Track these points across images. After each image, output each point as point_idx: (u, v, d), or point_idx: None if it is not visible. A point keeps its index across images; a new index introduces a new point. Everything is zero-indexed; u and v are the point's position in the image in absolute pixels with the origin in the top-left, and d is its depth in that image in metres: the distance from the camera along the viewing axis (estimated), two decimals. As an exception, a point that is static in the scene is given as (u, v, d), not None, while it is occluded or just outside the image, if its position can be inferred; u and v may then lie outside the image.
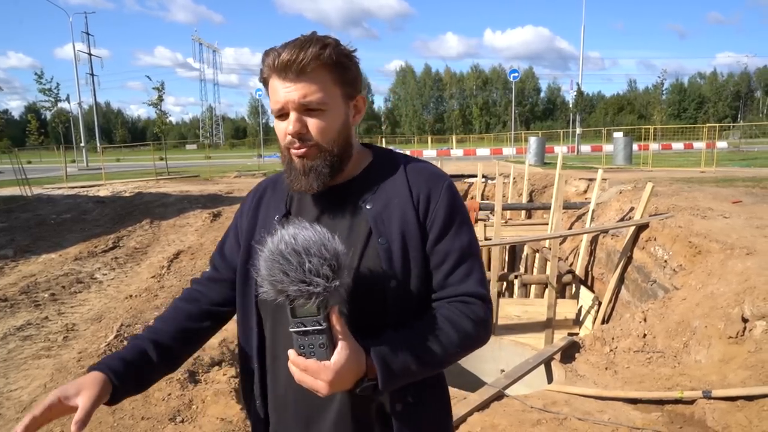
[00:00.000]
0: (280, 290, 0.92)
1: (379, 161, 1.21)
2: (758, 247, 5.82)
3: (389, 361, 0.98)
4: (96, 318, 5.12)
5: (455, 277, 1.11)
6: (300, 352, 0.94)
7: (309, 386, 0.94)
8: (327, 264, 0.92)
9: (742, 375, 3.98)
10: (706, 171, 15.76)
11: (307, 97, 1.05)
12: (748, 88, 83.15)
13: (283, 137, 1.11)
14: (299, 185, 1.12)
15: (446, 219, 1.12)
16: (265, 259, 0.94)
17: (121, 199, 13.35)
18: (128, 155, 52.41)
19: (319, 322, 0.93)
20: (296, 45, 1.04)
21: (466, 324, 1.07)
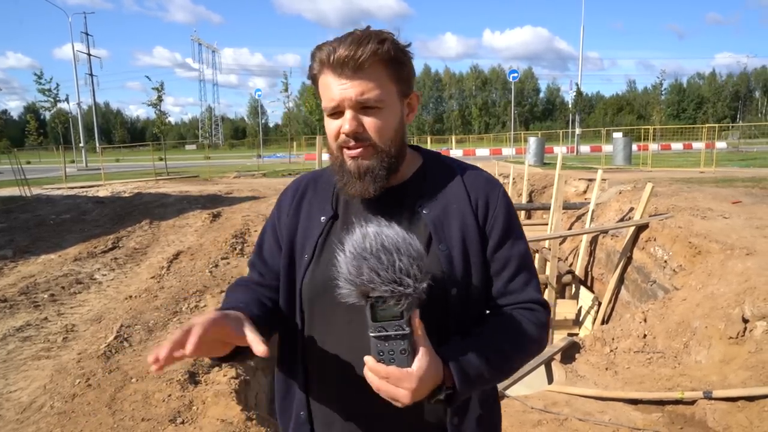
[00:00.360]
0: (366, 291, 0.87)
1: (431, 164, 1.17)
2: (758, 248, 5.82)
3: (466, 369, 0.96)
4: (95, 319, 5.11)
5: (516, 284, 1.10)
6: (379, 358, 0.89)
7: (389, 395, 0.89)
8: (416, 263, 0.87)
9: (742, 375, 3.98)
10: (706, 171, 15.76)
11: (364, 95, 1.01)
12: (747, 89, 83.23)
13: (336, 136, 1.06)
14: (353, 189, 1.07)
15: (505, 225, 1.11)
16: (351, 257, 0.88)
17: (120, 200, 13.34)
18: (127, 155, 52.38)
19: (402, 327, 0.87)
20: (353, 40, 0.99)
21: (533, 330, 1.07)
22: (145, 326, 4.60)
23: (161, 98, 23.88)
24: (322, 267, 1.09)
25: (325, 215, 1.14)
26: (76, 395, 3.39)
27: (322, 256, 1.10)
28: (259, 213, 10.11)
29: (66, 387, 3.54)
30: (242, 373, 3.76)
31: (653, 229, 7.82)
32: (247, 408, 3.29)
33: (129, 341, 4.27)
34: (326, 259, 1.09)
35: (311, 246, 1.12)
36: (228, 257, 6.97)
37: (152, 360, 0.84)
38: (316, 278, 1.09)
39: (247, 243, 7.78)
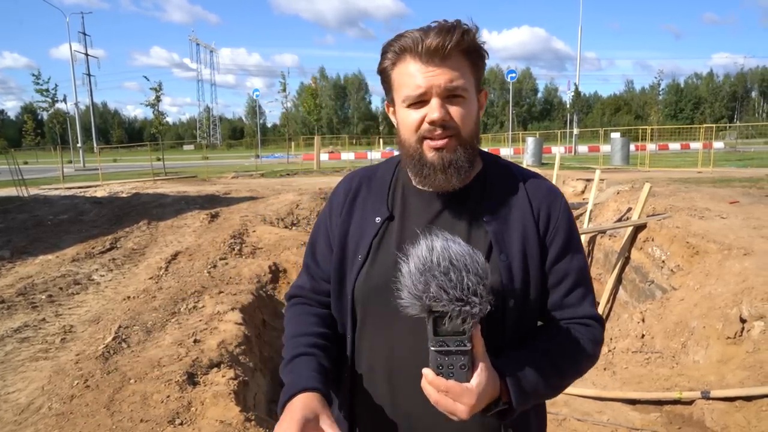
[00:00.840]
0: (431, 307, 0.86)
1: (492, 168, 1.15)
2: (756, 248, 5.83)
3: (523, 385, 0.96)
4: (94, 320, 5.10)
5: (573, 298, 1.09)
6: (438, 372, 0.89)
7: (447, 409, 0.90)
8: (482, 282, 0.87)
9: (740, 375, 3.98)
10: (703, 171, 15.79)
11: (453, 82, 1.00)
12: (744, 89, 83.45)
13: (417, 127, 1.03)
14: (436, 182, 1.04)
15: (566, 238, 1.10)
16: (417, 272, 0.87)
17: (118, 200, 13.31)
18: (125, 156, 52.26)
19: (464, 343, 0.88)
20: (441, 30, 0.99)
21: (589, 347, 1.06)
22: (144, 327, 4.59)
23: (159, 98, 23.83)
24: (376, 269, 1.08)
25: (380, 216, 1.11)
26: (74, 396, 3.38)
27: (377, 258, 1.09)
28: (257, 213, 10.09)
29: (64, 388, 3.53)
30: (241, 374, 3.76)
31: (651, 229, 7.83)
32: (246, 409, 3.28)
33: (127, 342, 4.27)
34: (381, 261, 1.08)
35: (365, 247, 1.10)
36: (226, 258, 6.96)
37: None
38: (369, 280, 1.08)
39: (245, 244, 7.78)
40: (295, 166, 25.39)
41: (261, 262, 6.67)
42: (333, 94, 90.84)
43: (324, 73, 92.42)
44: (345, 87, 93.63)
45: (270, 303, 5.87)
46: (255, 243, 7.87)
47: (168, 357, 3.88)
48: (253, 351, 4.51)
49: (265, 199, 12.05)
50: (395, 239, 1.08)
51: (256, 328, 5.02)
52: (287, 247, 7.47)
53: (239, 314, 4.89)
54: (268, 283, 6.21)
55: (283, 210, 10.44)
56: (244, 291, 5.60)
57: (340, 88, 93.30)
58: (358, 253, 1.10)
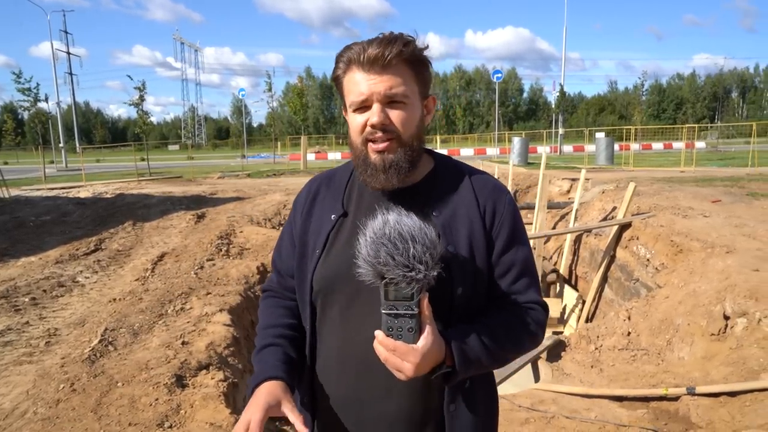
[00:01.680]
0: (381, 273, 0.96)
1: (442, 167, 1.24)
2: (738, 246, 5.94)
3: (466, 352, 1.05)
4: (79, 322, 5.03)
5: (518, 286, 1.17)
6: (388, 333, 0.98)
7: (395, 366, 0.98)
8: (429, 252, 0.96)
9: (724, 371, 4.05)
10: (686, 171, 16.04)
11: (392, 89, 1.08)
12: (724, 90, 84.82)
13: (361, 130, 1.12)
14: (377, 182, 1.13)
15: (511, 231, 1.18)
16: (371, 241, 0.97)
17: (102, 201, 13.14)
18: (108, 156, 51.57)
19: (412, 308, 0.96)
20: (382, 41, 1.08)
21: (531, 327, 1.15)
22: (130, 329, 4.54)
23: (143, 98, 23.57)
24: (330, 261, 1.16)
25: (335, 213, 1.21)
26: (60, 401, 3.34)
27: (332, 251, 1.17)
28: (244, 214, 10.03)
29: (50, 392, 3.48)
30: (230, 376, 3.74)
31: (636, 228, 7.93)
32: (236, 411, 3.26)
33: (114, 345, 4.21)
34: (334, 253, 1.16)
35: (322, 241, 1.18)
36: (213, 259, 6.91)
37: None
38: (325, 272, 1.16)
39: (232, 244, 7.72)
40: (282, 167, 25.26)
41: (249, 263, 6.63)
42: (319, 94, 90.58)
43: (310, 73, 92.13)
44: (331, 87, 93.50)
45: (258, 304, 5.83)
46: (242, 244, 7.82)
47: (156, 359, 3.84)
48: (241, 352, 4.48)
49: (252, 199, 11.98)
50: (347, 234, 1.16)
51: (244, 330, 4.99)
52: (275, 248, 7.43)
53: (227, 315, 4.86)
54: (256, 284, 6.18)
55: (270, 210, 10.39)
56: (232, 292, 5.56)
57: (327, 88, 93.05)
58: (316, 248, 1.19)
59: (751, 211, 8.16)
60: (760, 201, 9.17)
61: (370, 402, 1.13)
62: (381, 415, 1.12)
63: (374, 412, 1.13)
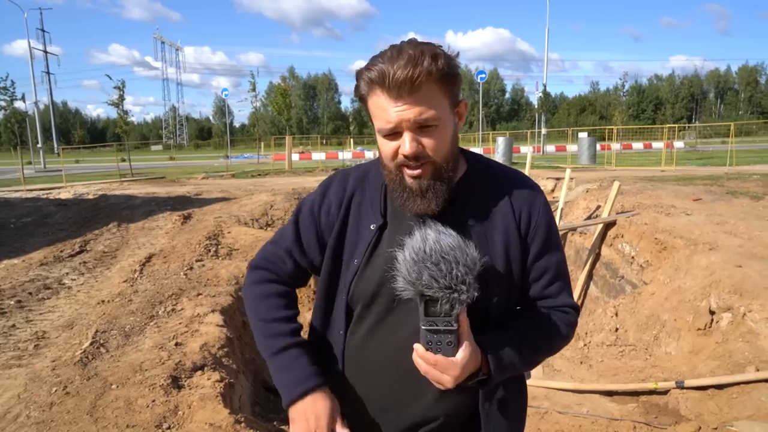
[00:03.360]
0: (422, 293, 0.97)
1: (475, 170, 1.21)
2: (720, 243, 6.08)
3: (502, 359, 1.07)
4: (67, 325, 4.96)
5: (552, 290, 1.19)
6: (427, 347, 1.00)
7: (434, 379, 1.01)
8: (471, 273, 0.98)
9: (710, 365, 4.16)
10: (667, 170, 16.33)
11: (422, 115, 1.02)
12: (701, 91, 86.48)
13: (393, 156, 1.08)
14: (416, 207, 1.09)
15: (546, 236, 1.18)
16: (412, 261, 0.98)
17: (84, 202, 12.92)
18: (88, 156, 50.67)
19: (451, 323, 0.99)
20: (408, 61, 0.99)
21: (563, 329, 1.17)
22: (122, 331, 4.49)
23: (123, 97, 23.20)
24: (369, 273, 1.15)
25: (375, 223, 1.17)
26: (53, 404, 3.29)
27: (371, 263, 1.15)
28: (231, 214, 9.96)
29: (42, 396, 3.43)
30: (226, 377, 3.72)
31: (620, 226, 8.07)
32: (234, 411, 3.25)
33: (106, 347, 4.17)
34: (374, 265, 1.15)
35: (361, 253, 1.16)
36: (203, 259, 6.86)
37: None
38: (364, 283, 1.15)
39: (221, 245, 7.67)
40: (266, 167, 25.10)
41: (238, 263, 6.60)
42: (302, 94, 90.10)
43: (293, 73, 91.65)
44: (314, 87, 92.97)
45: (249, 304, 5.81)
46: (231, 244, 7.78)
47: (150, 361, 3.81)
48: (235, 353, 4.47)
49: (238, 199, 11.89)
50: (386, 245, 1.14)
51: (236, 330, 4.97)
52: (264, 248, 7.40)
53: (220, 316, 4.83)
54: (246, 284, 6.15)
55: (257, 210, 10.33)
56: (223, 293, 5.53)
57: (310, 88, 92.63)
58: (354, 257, 1.17)
59: (731, 209, 8.35)
60: (739, 199, 9.39)
61: (406, 406, 1.14)
62: (416, 418, 1.14)
63: (409, 416, 1.15)
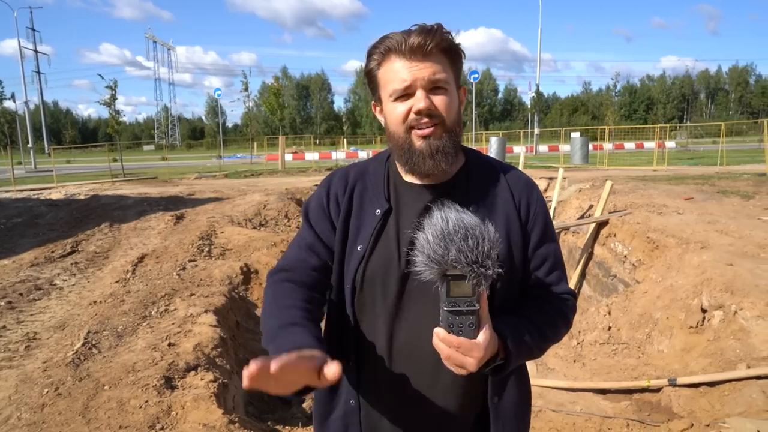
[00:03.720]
0: (446, 270, 0.94)
1: (474, 162, 1.25)
2: (711, 242, 6.13)
3: (518, 343, 1.08)
4: (59, 326, 4.92)
5: (552, 278, 1.22)
6: (449, 330, 0.98)
7: (458, 362, 0.99)
8: (495, 249, 0.97)
9: (702, 363, 4.19)
10: (659, 169, 16.44)
11: (436, 74, 1.10)
12: (692, 91, 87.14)
13: (404, 118, 1.12)
14: (425, 167, 1.12)
15: (544, 225, 1.22)
16: (437, 239, 0.95)
17: (75, 202, 12.82)
18: (79, 156, 50.31)
19: (473, 303, 0.97)
20: (421, 31, 1.09)
21: (568, 316, 1.20)
22: (114, 332, 4.46)
23: (115, 97, 23.06)
24: (376, 258, 1.15)
25: (380, 208, 1.19)
26: (45, 405, 3.27)
27: (377, 248, 1.16)
28: (224, 214, 9.92)
29: (33, 397, 3.40)
30: (219, 377, 3.71)
31: (613, 225, 8.11)
32: (228, 411, 3.24)
33: (98, 348, 4.14)
34: (380, 250, 1.15)
35: (365, 239, 1.17)
36: (195, 259, 6.83)
37: (245, 376, 0.85)
38: (371, 268, 1.15)
39: (214, 245, 7.64)
40: (259, 167, 25.02)
41: (232, 264, 6.58)
42: (295, 94, 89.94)
43: (286, 73, 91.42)
44: (308, 87, 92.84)
45: (243, 305, 5.79)
46: (224, 244, 7.75)
47: (142, 361, 3.79)
48: (228, 353, 4.45)
49: (231, 199, 11.85)
50: (393, 230, 1.16)
51: (230, 330, 4.95)
52: (257, 248, 7.38)
53: (213, 316, 4.81)
54: (240, 284, 6.13)
55: (250, 211, 10.29)
56: (216, 293, 5.51)
57: (303, 88, 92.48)
58: (357, 244, 1.17)
59: (722, 208, 8.42)
60: (730, 198, 9.47)
61: (417, 395, 1.14)
62: (427, 408, 1.14)
63: (421, 405, 1.14)
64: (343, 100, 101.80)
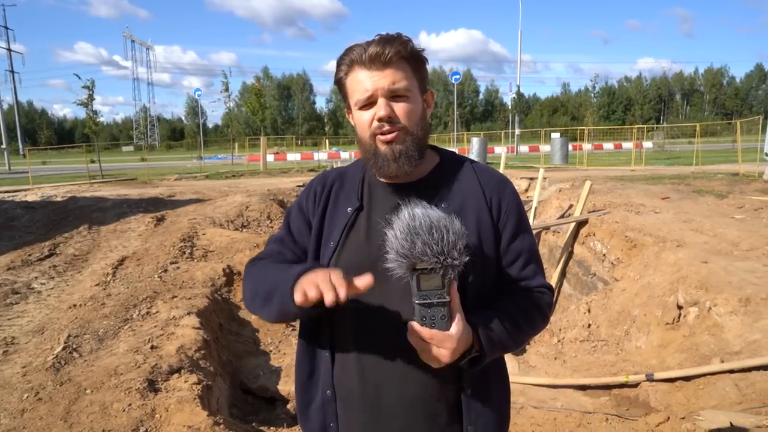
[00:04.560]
0: (414, 264, 0.98)
1: (447, 161, 1.29)
2: (687, 240, 6.29)
3: (492, 336, 1.11)
4: (37, 330, 4.84)
5: (528, 272, 1.24)
6: (422, 323, 1.01)
7: (431, 354, 1.02)
8: (461, 240, 1.01)
9: (678, 358, 4.30)
10: (636, 169, 16.75)
11: (395, 84, 1.15)
12: (669, 92, 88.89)
13: (369, 125, 1.18)
14: (389, 170, 1.18)
15: (517, 221, 1.25)
16: (403, 234, 0.99)
17: (52, 204, 12.58)
18: (55, 158, 49.33)
19: (444, 296, 1.00)
20: (381, 41, 1.15)
21: (544, 309, 1.23)
22: (95, 335, 4.41)
23: (93, 97, 22.67)
24: (346, 253, 1.20)
25: (351, 206, 1.25)
26: (25, 410, 3.22)
27: (347, 244, 1.21)
28: (205, 216, 9.84)
29: (13, 402, 3.35)
30: (203, 379, 3.69)
31: (592, 224, 8.25)
32: (213, 413, 3.24)
33: (79, 351, 4.09)
34: (350, 246, 1.20)
35: (337, 234, 1.22)
36: (177, 261, 6.77)
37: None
38: (341, 264, 1.18)
39: (196, 247, 7.58)
40: (241, 168, 24.82)
41: (214, 265, 6.54)
42: (277, 94, 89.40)
43: (268, 73, 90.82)
44: (289, 87, 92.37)
45: (226, 306, 5.77)
46: (206, 246, 7.69)
47: (125, 365, 3.76)
48: (212, 355, 4.43)
49: (213, 201, 11.75)
50: (363, 227, 1.22)
51: (213, 332, 4.93)
52: (240, 250, 7.34)
53: (196, 318, 4.79)
54: (222, 286, 6.10)
55: (232, 212, 10.23)
56: (199, 295, 5.48)
57: (284, 88, 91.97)
58: (330, 240, 1.23)
59: (697, 207, 8.63)
60: (705, 197, 9.70)
61: (388, 387, 1.17)
62: (398, 399, 1.17)
63: (392, 397, 1.17)
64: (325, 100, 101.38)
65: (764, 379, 3.52)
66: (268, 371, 4.79)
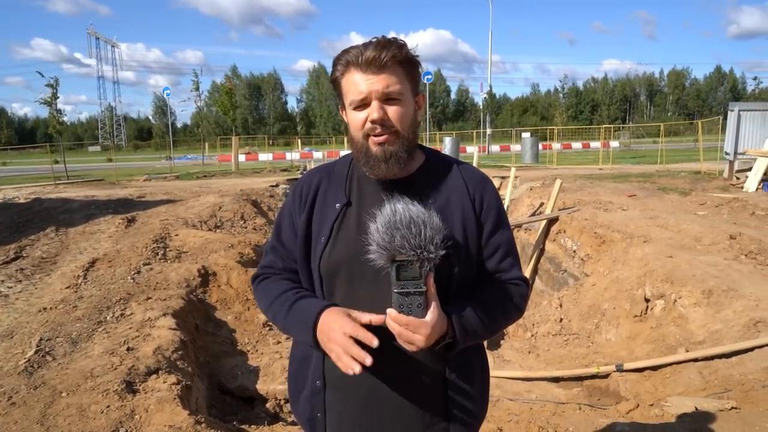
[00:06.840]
0: (394, 256, 1.06)
1: (433, 160, 1.35)
2: (653, 236, 6.52)
3: (465, 324, 1.17)
4: (6, 334, 4.72)
5: (505, 265, 1.32)
6: (400, 310, 1.09)
7: (408, 339, 1.10)
8: (437, 235, 1.07)
9: (646, 349, 4.47)
10: (604, 168, 17.19)
11: (389, 87, 1.20)
12: (634, 93, 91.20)
13: (362, 126, 1.22)
14: (379, 171, 1.24)
15: (497, 216, 1.32)
16: (384, 228, 1.08)
17: (16, 206, 12.19)
18: (16, 158, 47.72)
19: (420, 286, 1.08)
20: (377, 45, 1.20)
21: (517, 300, 1.30)
22: (68, 338, 4.33)
23: (56, 95, 22.03)
24: (337, 247, 1.26)
25: (339, 202, 1.30)
26: (-2, 415, 3.15)
27: (338, 238, 1.26)
28: (177, 216, 9.70)
29: (-15, 408, 3.28)
30: (182, 379, 3.68)
31: (562, 222, 8.46)
32: (194, 413, 3.23)
33: (52, 355, 4.01)
34: (341, 240, 1.26)
35: (327, 229, 1.27)
36: (150, 263, 6.67)
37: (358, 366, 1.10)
38: (333, 257, 1.25)
39: (169, 248, 7.48)
40: (212, 168, 24.49)
41: (189, 266, 6.47)
42: (247, 94, 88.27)
43: (236, 72, 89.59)
44: (260, 86, 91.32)
45: (201, 307, 5.72)
46: (179, 247, 7.59)
47: (101, 367, 3.71)
48: (189, 356, 4.40)
49: (185, 201, 11.59)
50: (352, 222, 1.27)
51: (190, 333, 4.89)
52: (214, 250, 7.28)
53: (172, 319, 4.74)
54: (198, 287, 6.04)
55: (205, 212, 10.11)
56: (174, 296, 5.42)
57: (255, 88, 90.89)
58: (321, 236, 1.28)
59: (662, 204, 8.94)
60: (669, 195, 10.05)
61: (378, 376, 1.23)
62: (387, 384, 1.23)
63: (381, 387, 1.23)
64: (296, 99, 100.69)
65: (726, 367, 3.70)
66: (247, 371, 4.78)
